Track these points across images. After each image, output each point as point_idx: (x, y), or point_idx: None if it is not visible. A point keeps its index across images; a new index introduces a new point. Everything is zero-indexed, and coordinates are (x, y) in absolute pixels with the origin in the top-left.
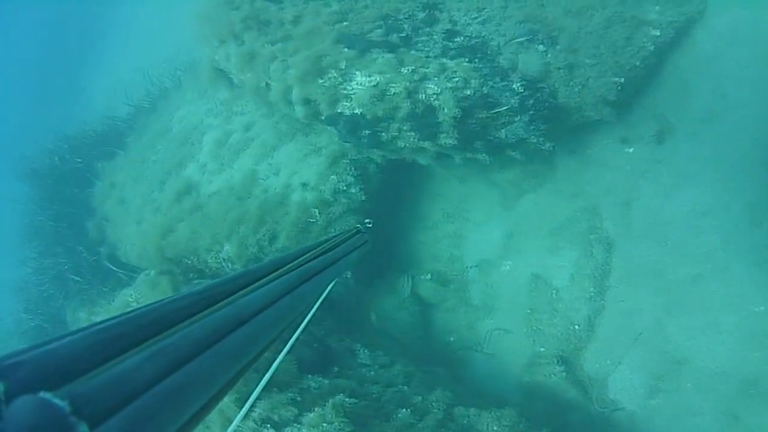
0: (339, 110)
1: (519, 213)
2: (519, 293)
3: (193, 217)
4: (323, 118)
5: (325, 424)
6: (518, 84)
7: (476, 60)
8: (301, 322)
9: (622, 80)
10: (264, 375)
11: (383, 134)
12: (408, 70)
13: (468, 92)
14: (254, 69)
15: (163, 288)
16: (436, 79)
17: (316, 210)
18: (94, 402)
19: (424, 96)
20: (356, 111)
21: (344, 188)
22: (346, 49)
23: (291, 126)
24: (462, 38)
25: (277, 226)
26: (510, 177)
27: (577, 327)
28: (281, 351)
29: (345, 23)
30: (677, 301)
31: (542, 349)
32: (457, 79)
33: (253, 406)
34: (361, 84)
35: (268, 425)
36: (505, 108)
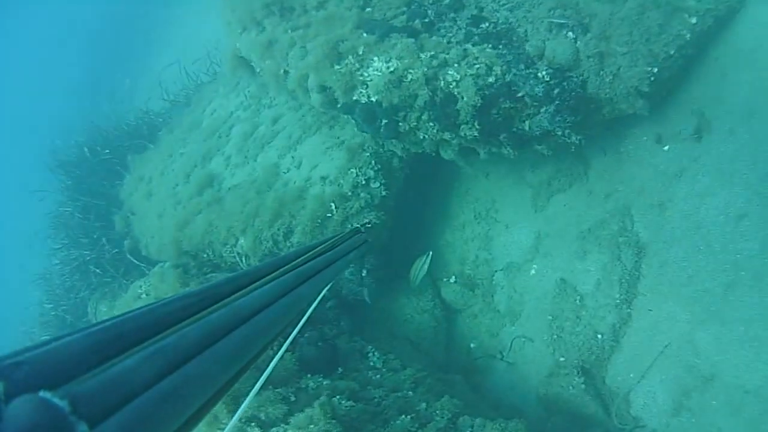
0: (355, 98)
1: (549, 214)
2: (544, 299)
3: (211, 209)
4: (339, 106)
5: (312, 426)
6: (544, 71)
7: (501, 46)
8: (300, 321)
9: (656, 70)
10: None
11: (402, 124)
12: (427, 56)
13: (490, 80)
14: (273, 56)
15: (171, 281)
16: (456, 65)
17: (333, 204)
18: (94, 401)
19: (443, 83)
20: (372, 98)
21: (364, 182)
22: (365, 35)
23: (317, 118)
24: (488, 24)
25: (293, 220)
26: (542, 177)
27: (600, 336)
28: (278, 352)
29: (368, 9)
30: (709, 311)
31: (562, 359)
32: (478, 65)
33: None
34: (378, 70)
35: (253, 424)
36: (526, 93)
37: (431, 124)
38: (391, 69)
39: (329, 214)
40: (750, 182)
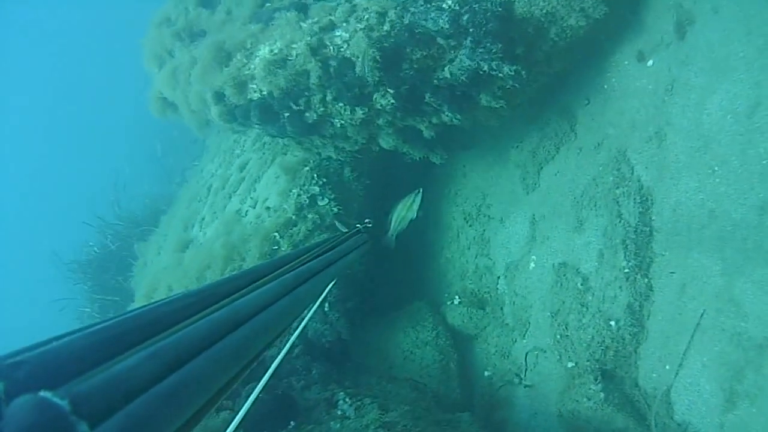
0: (249, 96)
1: (541, 191)
2: (547, 296)
3: (171, 272)
4: (236, 111)
5: None
6: (450, 1)
7: None
8: (301, 323)
9: None
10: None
11: (308, 114)
12: (309, 24)
13: (385, 28)
14: (178, 82)
15: None
16: (344, 24)
17: (277, 234)
18: (94, 401)
19: (332, 49)
20: (263, 91)
21: (308, 202)
22: (252, 26)
23: (272, 149)
24: None
25: (243, 263)
26: (527, 150)
27: (613, 324)
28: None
29: (267, 4)
30: (745, 251)
31: (571, 365)
32: (368, 16)
33: None
34: (263, 57)
35: None
36: (429, 30)
37: (341, 104)
38: (274, 50)
39: (275, 247)
40: (750, 60)
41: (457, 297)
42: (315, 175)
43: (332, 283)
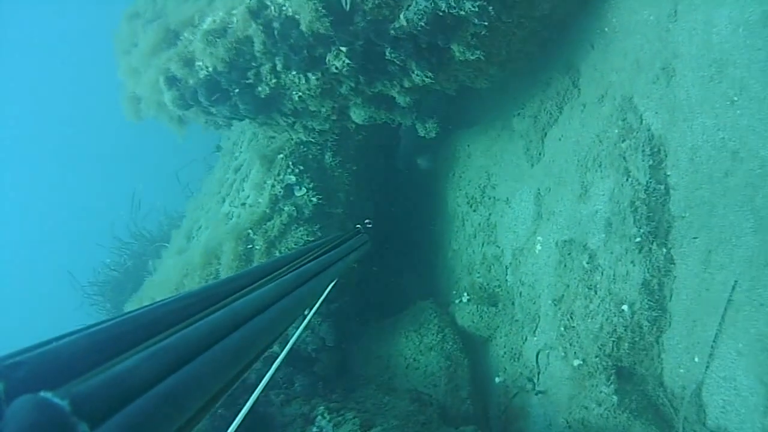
0: (198, 76)
1: (546, 161)
2: (552, 280)
3: (158, 284)
4: (187, 94)
5: None
6: None
7: None
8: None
9: None
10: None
11: (260, 88)
12: None
13: None
14: (140, 75)
15: None
16: None
17: (251, 231)
18: (95, 401)
19: (273, 9)
20: (209, 67)
21: (282, 193)
22: (201, 0)
23: (259, 144)
24: None
25: (219, 267)
26: (529, 115)
27: (626, 308)
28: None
29: None
30: None
31: (577, 363)
32: None
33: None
34: (203, 28)
35: None
36: None
37: (293, 73)
38: (215, 20)
39: (249, 245)
40: None
41: (465, 294)
42: (290, 163)
43: (332, 284)
